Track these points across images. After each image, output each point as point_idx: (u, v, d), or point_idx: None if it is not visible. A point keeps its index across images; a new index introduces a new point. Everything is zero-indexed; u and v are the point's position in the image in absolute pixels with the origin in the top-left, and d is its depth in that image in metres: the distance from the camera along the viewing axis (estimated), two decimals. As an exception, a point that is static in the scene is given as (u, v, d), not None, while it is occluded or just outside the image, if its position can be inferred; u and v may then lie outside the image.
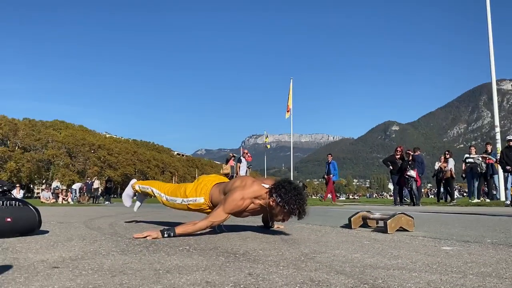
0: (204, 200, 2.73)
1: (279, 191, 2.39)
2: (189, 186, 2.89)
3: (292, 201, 2.36)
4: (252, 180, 2.56)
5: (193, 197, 2.78)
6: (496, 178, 11.72)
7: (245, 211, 2.55)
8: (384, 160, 12.23)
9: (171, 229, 2.43)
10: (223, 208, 2.46)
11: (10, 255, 1.76)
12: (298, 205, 2.37)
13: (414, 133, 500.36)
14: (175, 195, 2.92)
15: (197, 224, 2.43)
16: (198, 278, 1.28)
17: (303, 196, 2.42)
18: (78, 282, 1.23)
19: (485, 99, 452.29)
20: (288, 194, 2.37)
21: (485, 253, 1.83)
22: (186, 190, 2.85)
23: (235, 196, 2.45)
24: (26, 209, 2.58)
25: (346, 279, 1.26)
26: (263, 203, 2.52)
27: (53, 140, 62.44)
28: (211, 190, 2.73)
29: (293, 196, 2.37)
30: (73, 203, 17.18)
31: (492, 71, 13.14)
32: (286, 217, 2.44)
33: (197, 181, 2.92)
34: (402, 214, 2.82)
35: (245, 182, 2.55)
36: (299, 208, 2.38)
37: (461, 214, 5.54)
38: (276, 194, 2.40)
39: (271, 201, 2.43)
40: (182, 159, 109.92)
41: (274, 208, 2.43)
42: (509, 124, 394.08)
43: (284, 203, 2.37)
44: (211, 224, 2.46)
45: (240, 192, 2.46)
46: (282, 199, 2.37)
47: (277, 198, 2.39)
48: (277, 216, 2.46)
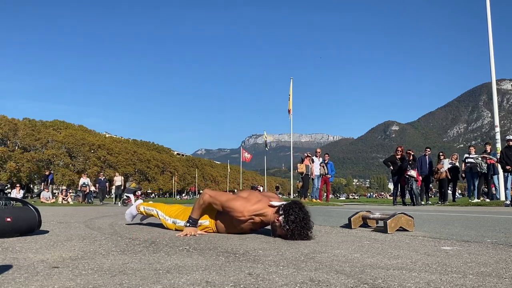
0: (209, 223, 2.74)
1: (287, 216, 2.36)
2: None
3: (296, 230, 2.32)
4: (257, 199, 2.54)
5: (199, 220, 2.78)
6: (496, 178, 11.72)
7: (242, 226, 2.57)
8: (385, 160, 12.22)
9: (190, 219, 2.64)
10: (223, 200, 2.51)
11: (10, 255, 1.76)
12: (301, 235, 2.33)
13: (414, 133, 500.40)
14: (180, 218, 2.92)
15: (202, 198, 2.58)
16: (198, 278, 1.28)
17: (309, 225, 2.37)
18: (78, 282, 1.23)
19: (485, 99, 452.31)
20: (295, 223, 2.33)
21: (485, 253, 1.83)
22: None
23: (237, 205, 2.47)
24: (26, 209, 2.58)
25: (346, 279, 1.26)
26: (264, 220, 2.52)
27: (53, 140, 62.41)
28: (216, 214, 2.73)
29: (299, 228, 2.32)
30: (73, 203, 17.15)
31: (492, 71, 13.14)
32: (285, 238, 2.42)
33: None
34: (402, 214, 2.82)
35: (250, 197, 2.55)
36: (301, 233, 2.34)
37: (461, 214, 5.54)
38: (284, 219, 2.37)
39: (276, 219, 2.43)
40: (182, 159, 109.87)
41: (278, 229, 2.43)
42: (509, 124, 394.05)
43: (289, 230, 2.34)
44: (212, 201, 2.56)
45: (242, 204, 2.47)
46: (288, 225, 2.34)
47: (283, 222, 2.36)
48: (276, 234, 2.47)
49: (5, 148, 55.53)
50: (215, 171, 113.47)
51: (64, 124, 77.35)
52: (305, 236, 2.35)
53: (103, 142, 72.66)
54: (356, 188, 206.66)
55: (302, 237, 2.34)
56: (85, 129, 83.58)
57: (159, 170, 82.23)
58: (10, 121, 58.62)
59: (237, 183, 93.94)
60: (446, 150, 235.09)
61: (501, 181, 11.49)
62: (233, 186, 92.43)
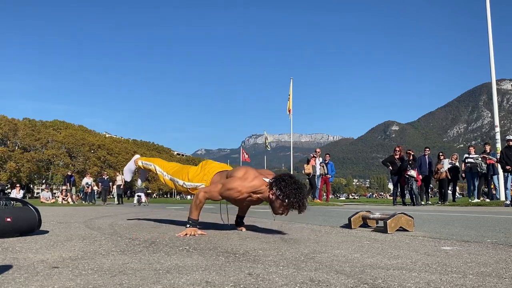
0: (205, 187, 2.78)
1: (279, 185, 2.40)
2: (192, 170, 2.93)
3: (292, 195, 2.36)
4: (254, 176, 2.56)
5: (194, 182, 2.84)
6: (496, 178, 11.72)
7: (242, 201, 2.59)
8: (384, 161, 12.22)
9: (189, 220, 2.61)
10: (219, 190, 2.52)
11: (10, 255, 1.76)
12: (297, 199, 2.37)
13: (414, 133, 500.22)
14: (178, 176, 2.96)
15: (197, 198, 2.56)
16: (198, 278, 1.28)
17: (303, 190, 2.42)
18: (78, 282, 1.23)
19: (485, 99, 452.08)
20: (288, 187, 2.37)
21: (485, 253, 1.83)
22: (189, 173, 2.90)
23: (234, 186, 2.48)
24: (26, 209, 2.58)
25: (346, 279, 1.26)
26: (261, 197, 2.53)
27: (53, 140, 62.41)
28: (213, 177, 2.77)
29: (293, 190, 2.37)
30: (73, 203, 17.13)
31: (492, 71, 13.13)
32: (285, 210, 2.44)
33: (201, 167, 2.95)
34: (402, 214, 2.82)
35: (247, 175, 2.56)
36: (299, 202, 2.37)
37: (461, 214, 5.54)
38: (276, 187, 2.41)
39: (271, 194, 2.45)
40: (182, 159, 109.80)
41: (274, 202, 2.44)
42: (509, 124, 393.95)
43: (284, 197, 2.37)
44: (207, 197, 2.57)
45: (240, 184, 2.49)
46: (282, 192, 2.38)
47: (277, 192, 2.40)
48: (277, 209, 2.47)
49: (5, 148, 55.52)
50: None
51: (64, 124, 77.39)
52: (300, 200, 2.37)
53: (103, 142, 72.67)
54: (356, 188, 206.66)
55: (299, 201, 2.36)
56: (85, 129, 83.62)
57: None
58: (10, 121, 58.61)
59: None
60: (446, 150, 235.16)
61: (501, 181, 11.48)
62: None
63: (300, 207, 2.39)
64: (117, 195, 19.35)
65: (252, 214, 3.58)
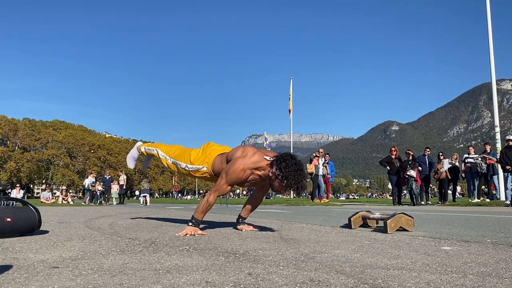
0: (207, 169, 2.81)
1: (280, 165, 2.40)
2: (194, 152, 2.95)
3: (291, 176, 2.36)
4: (253, 151, 2.58)
5: (196, 165, 2.87)
6: (496, 178, 11.72)
7: (246, 182, 2.59)
8: (381, 161, 12.23)
9: (192, 219, 2.61)
10: (226, 179, 2.52)
11: (10, 255, 1.76)
12: (296, 180, 2.37)
13: (414, 133, 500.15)
14: (180, 159, 2.99)
15: (206, 201, 2.58)
16: (198, 278, 1.28)
17: (303, 172, 2.42)
18: (78, 282, 1.23)
19: (485, 99, 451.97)
20: (288, 168, 2.37)
21: (485, 253, 1.83)
22: (191, 156, 2.92)
23: (236, 166, 2.49)
24: (26, 209, 2.58)
25: (346, 279, 1.26)
26: (262, 174, 2.53)
27: (53, 140, 62.47)
28: (214, 159, 2.80)
29: (293, 172, 2.37)
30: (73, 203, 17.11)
31: (492, 71, 13.13)
32: (283, 191, 2.44)
33: (202, 149, 2.97)
34: (402, 214, 2.82)
35: (246, 152, 2.58)
36: (298, 184, 2.37)
37: (461, 214, 5.54)
38: (276, 167, 2.41)
39: (271, 172, 2.45)
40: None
41: (273, 181, 2.45)
42: (509, 124, 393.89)
43: (283, 177, 2.37)
44: (218, 195, 2.59)
45: (241, 162, 2.50)
46: (282, 172, 2.38)
47: (277, 171, 2.40)
48: (276, 188, 2.47)
49: (5, 148, 55.57)
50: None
51: (64, 124, 77.46)
52: (299, 182, 2.37)
53: (103, 142, 72.73)
54: (356, 188, 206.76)
55: (297, 183, 2.36)
56: (85, 129, 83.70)
57: (159, 170, 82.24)
58: (10, 121, 58.67)
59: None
60: (446, 150, 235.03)
61: (501, 181, 11.49)
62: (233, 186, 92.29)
63: (298, 188, 2.39)
64: (119, 195, 19.25)
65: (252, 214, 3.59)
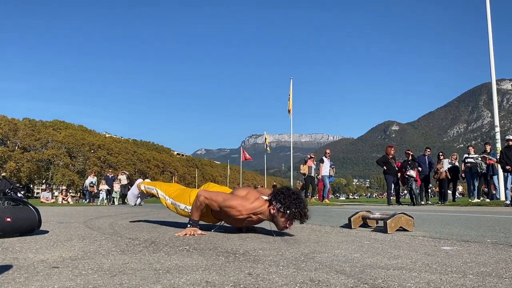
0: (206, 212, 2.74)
1: (278, 197, 2.43)
2: (193, 193, 2.88)
3: (292, 205, 2.38)
4: (255, 197, 2.54)
5: None
6: (496, 178, 11.72)
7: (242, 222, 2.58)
8: (378, 160, 12.22)
9: (190, 220, 2.63)
10: (220, 201, 2.50)
11: (10, 255, 1.76)
12: (298, 208, 2.39)
13: (414, 133, 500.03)
14: (179, 200, 2.94)
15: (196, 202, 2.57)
16: (198, 278, 1.28)
17: (303, 200, 2.44)
18: (78, 282, 1.23)
19: (485, 99, 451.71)
20: (287, 199, 2.40)
21: (485, 253, 1.83)
22: (190, 197, 2.86)
23: (233, 204, 2.47)
24: (26, 209, 2.58)
25: (346, 279, 1.26)
26: (262, 216, 2.54)
27: (53, 140, 62.46)
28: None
29: (293, 200, 2.40)
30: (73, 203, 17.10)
31: (492, 71, 13.12)
32: (289, 223, 2.44)
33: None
34: (402, 214, 2.82)
35: (249, 195, 2.56)
36: (300, 212, 2.39)
37: (461, 214, 5.54)
38: (276, 201, 2.43)
39: (272, 209, 2.45)
40: (182, 159, 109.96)
41: (276, 216, 2.44)
42: (509, 124, 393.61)
43: (285, 208, 2.39)
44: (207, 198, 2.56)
45: (239, 203, 2.47)
46: (282, 204, 2.40)
47: (277, 205, 2.41)
48: (281, 224, 2.46)
49: (5, 148, 55.56)
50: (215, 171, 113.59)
51: (64, 124, 77.40)
52: (302, 209, 2.39)
53: (103, 142, 72.72)
54: (356, 188, 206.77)
55: (300, 211, 2.38)
56: (85, 129, 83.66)
57: (159, 170, 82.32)
58: (10, 121, 58.67)
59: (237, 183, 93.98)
60: (446, 150, 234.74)
61: (501, 181, 11.48)
62: (233, 186, 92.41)
63: (302, 216, 2.41)
64: (122, 195, 19.12)
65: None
